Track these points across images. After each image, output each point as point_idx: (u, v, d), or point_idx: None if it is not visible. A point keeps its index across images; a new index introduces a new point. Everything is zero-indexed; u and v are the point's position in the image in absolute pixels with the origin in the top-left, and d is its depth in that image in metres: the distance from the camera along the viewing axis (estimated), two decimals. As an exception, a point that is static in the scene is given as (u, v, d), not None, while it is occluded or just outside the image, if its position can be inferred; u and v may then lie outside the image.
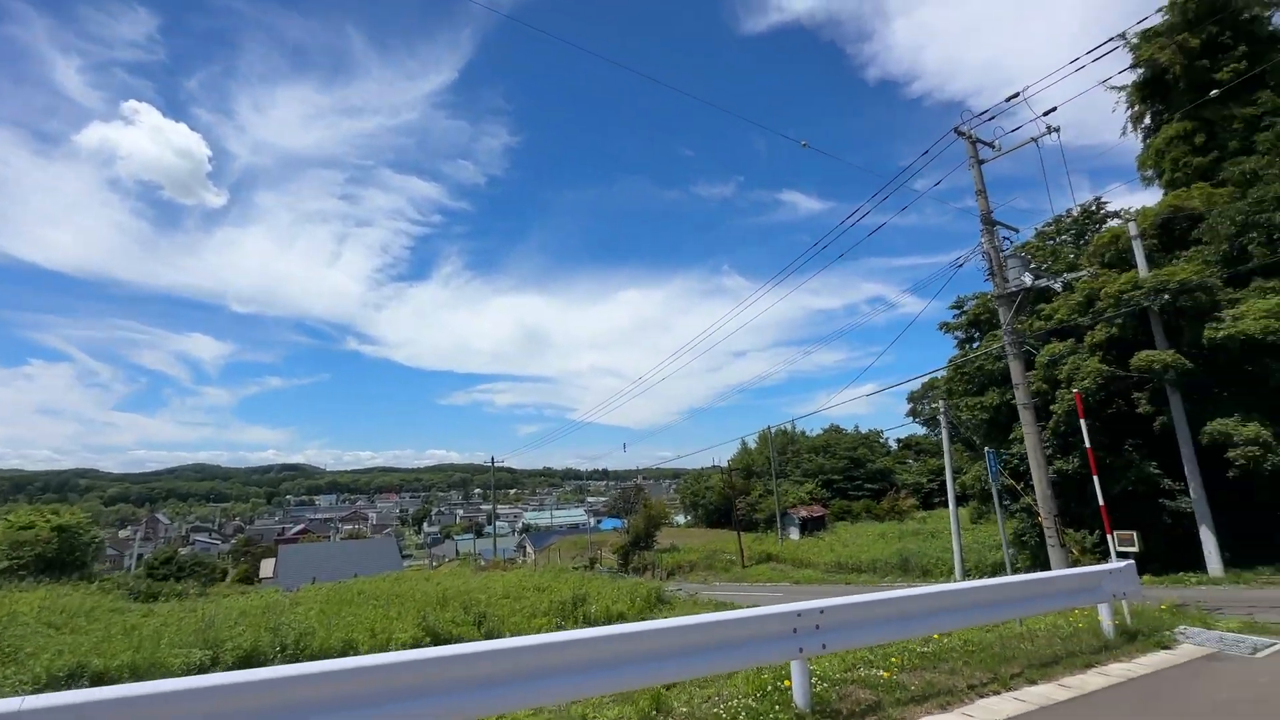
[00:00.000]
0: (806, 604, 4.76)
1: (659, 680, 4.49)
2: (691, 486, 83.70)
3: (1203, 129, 24.26)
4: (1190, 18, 24.32)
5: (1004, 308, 14.52)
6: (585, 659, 4.21)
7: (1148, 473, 19.81)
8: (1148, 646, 6.74)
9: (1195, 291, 18.39)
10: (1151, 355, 18.43)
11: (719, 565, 41.10)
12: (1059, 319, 22.82)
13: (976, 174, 15.15)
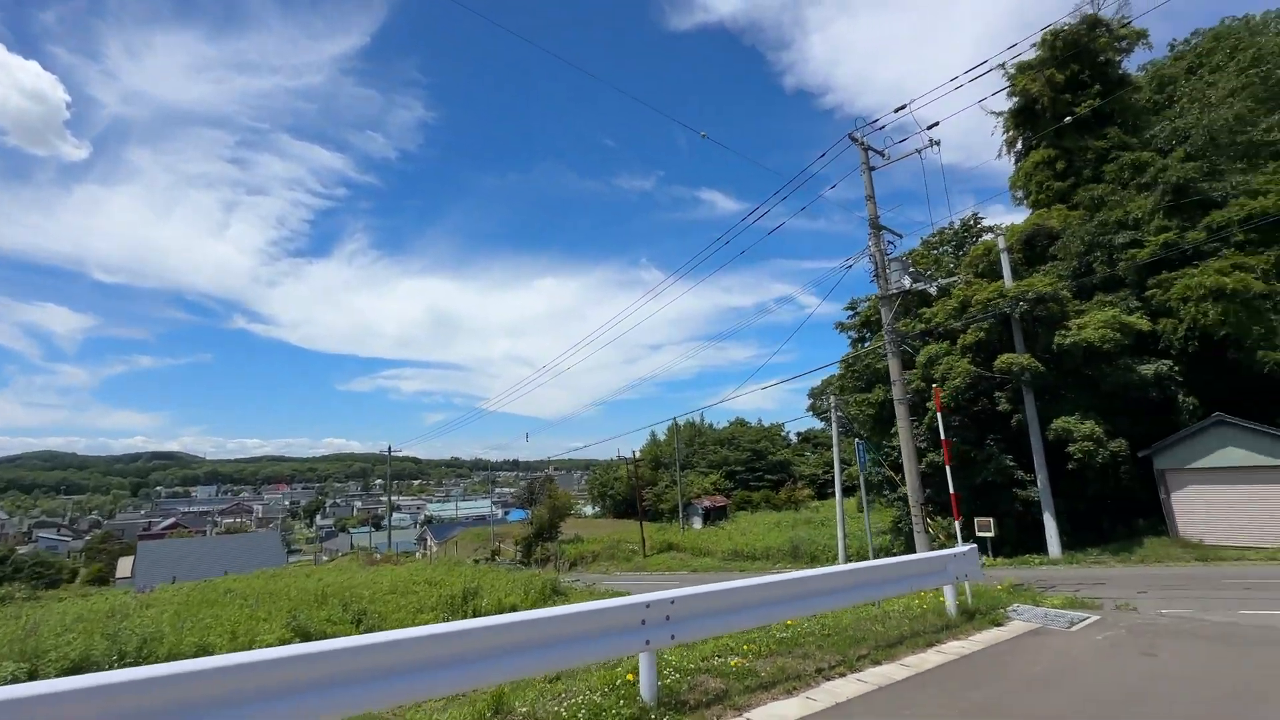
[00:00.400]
0: (656, 595, 4.63)
1: (497, 679, 4.21)
2: (600, 477, 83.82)
3: (1063, 157, 26.90)
4: (1058, 55, 26.81)
5: (886, 308, 15.36)
6: (419, 659, 3.86)
7: (1005, 465, 21.81)
8: (983, 624, 7.26)
9: (1049, 302, 20.37)
10: (1011, 358, 20.25)
11: (622, 555, 41.36)
12: (937, 322, 24.61)
13: (867, 179, 15.89)
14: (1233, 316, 17.40)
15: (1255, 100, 20.36)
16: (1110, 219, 21.61)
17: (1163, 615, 8.22)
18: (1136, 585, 13.73)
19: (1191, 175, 19.53)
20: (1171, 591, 12.44)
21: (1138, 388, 19.31)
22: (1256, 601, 10.50)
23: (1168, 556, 17.31)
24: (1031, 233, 25.05)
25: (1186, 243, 19.22)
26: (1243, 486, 16.94)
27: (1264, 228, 17.93)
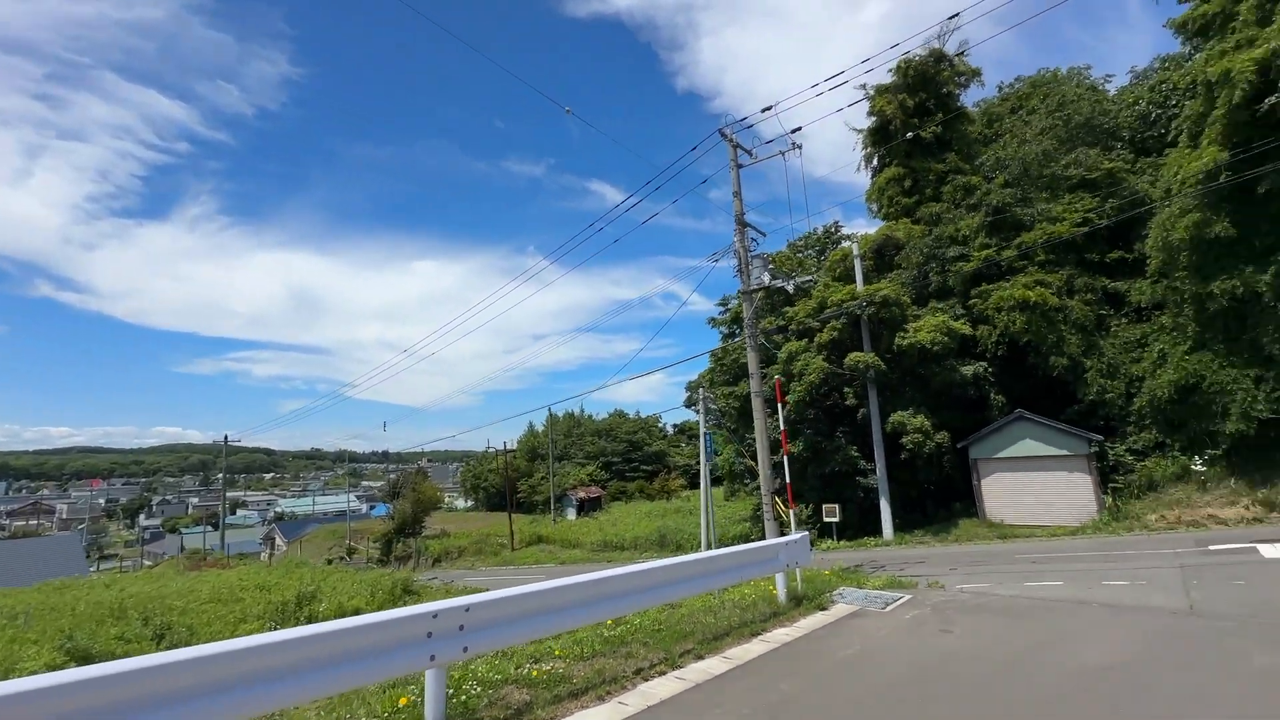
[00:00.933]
0: (448, 603, 4.08)
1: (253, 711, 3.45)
2: (474, 470, 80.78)
3: (910, 175, 29.49)
4: (909, 81, 29.30)
5: (747, 303, 15.82)
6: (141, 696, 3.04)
7: (850, 455, 23.56)
8: (810, 609, 7.49)
9: (892, 306, 22.22)
10: (858, 356, 21.84)
11: (490, 549, 39.97)
12: (798, 320, 26.05)
13: (734, 176, 16.24)
14: (1034, 325, 20.06)
15: (1058, 140, 23.60)
16: (944, 234, 24.03)
17: (963, 591, 9.03)
18: (949, 563, 15.27)
19: (1008, 200, 22.22)
20: (975, 567, 13.96)
21: (959, 386, 21.65)
22: (1037, 574, 12.01)
23: (976, 535, 19.59)
24: (881, 242, 27.25)
25: (1002, 259, 21.86)
26: (1035, 473, 19.60)
27: (1059, 249, 20.84)
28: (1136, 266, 19.58)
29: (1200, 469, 16.80)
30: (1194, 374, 16.65)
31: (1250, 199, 15.51)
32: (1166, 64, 23.31)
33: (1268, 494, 15.39)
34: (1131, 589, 9.28)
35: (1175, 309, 17.58)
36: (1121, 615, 7.17)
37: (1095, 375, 19.34)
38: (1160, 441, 17.98)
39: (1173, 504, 16.85)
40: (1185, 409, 17.08)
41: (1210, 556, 11.69)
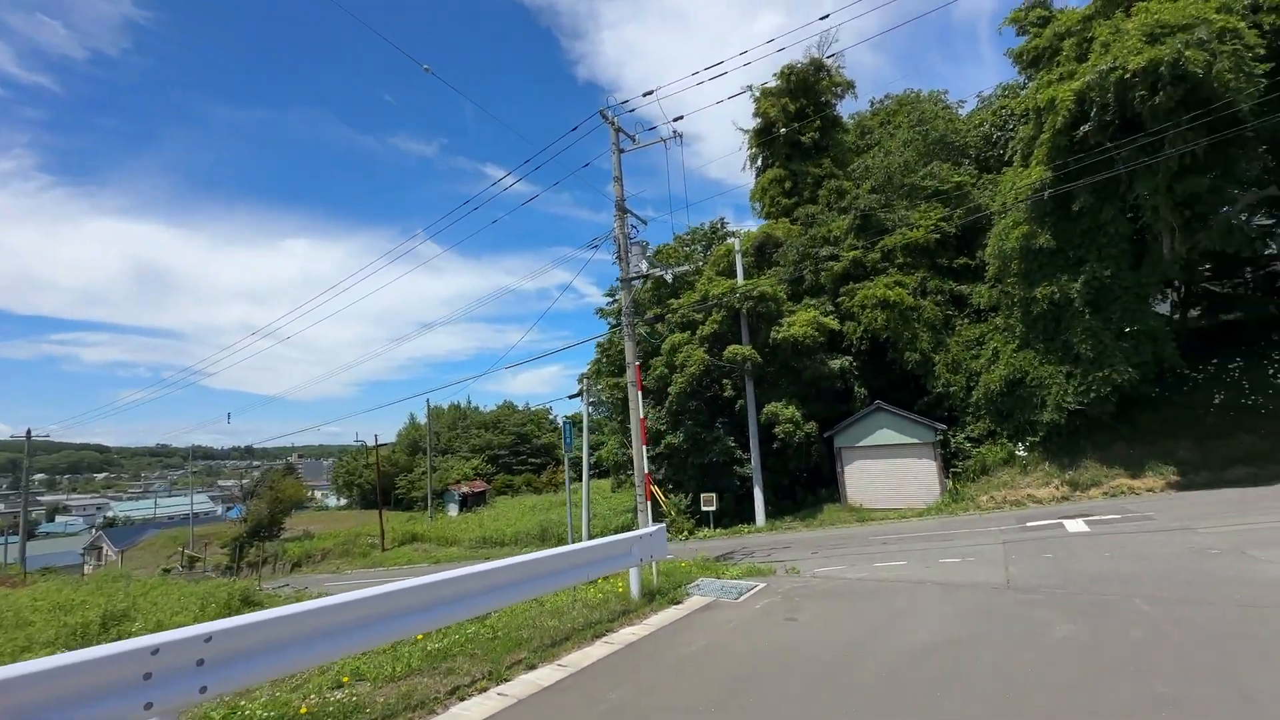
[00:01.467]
0: (178, 634, 3.23)
1: None
2: (347, 465, 75.09)
3: (790, 178, 30.75)
4: (792, 86, 30.47)
5: (625, 290, 15.51)
6: None
7: (728, 445, 24.17)
8: (663, 605, 7.24)
9: (769, 301, 22.97)
10: (736, 349, 22.39)
11: (359, 550, 37.09)
12: (681, 313, 26.31)
13: (615, 160, 15.83)
14: (892, 323, 21.61)
15: (917, 153, 25.59)
16: (818, 234, 25.25)
17: (815, 576, 9.25)
18: (812, 547, 15.94)
19: (874, 205, 23.76)
20: (834, 550, 14.64)
21: (828, 378, 22.87)
22: (886, 554, 12.76)
23: (839, 519, 20.79)
24: (762, 240, 28.19)
25: (867, 261, 23.34)
26: (890, 460, 21.16)
27: (915, 253, 22.59)
28: (978, 272, 21.64)
29: (1022, 454, 18.88)
30: (1020, 370, 18.63)
31: (1067, 215, 17.51)
32: (1006, 92, 26.00)
33: (1073, 475, 17.55)
34: (962, 566, 9.99)
35: (1007, 311, 19.59)
36: (951, 593, 7.57)
37: (942, 370, 21.17)
38: (992, 430, 20.00)
39: (1000, 486, 18.78)
40: (1012, 401, 19.09)
41: (1027, 533, 12.98)
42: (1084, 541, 10.91)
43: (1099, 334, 16.89)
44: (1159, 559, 8.71)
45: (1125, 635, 5.45)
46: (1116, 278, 16.80)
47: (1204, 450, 16.48)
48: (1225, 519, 11.06)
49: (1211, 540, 9.52)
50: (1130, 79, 14.15)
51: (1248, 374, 17.68)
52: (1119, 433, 17.85)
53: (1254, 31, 13.66)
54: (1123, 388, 16.75)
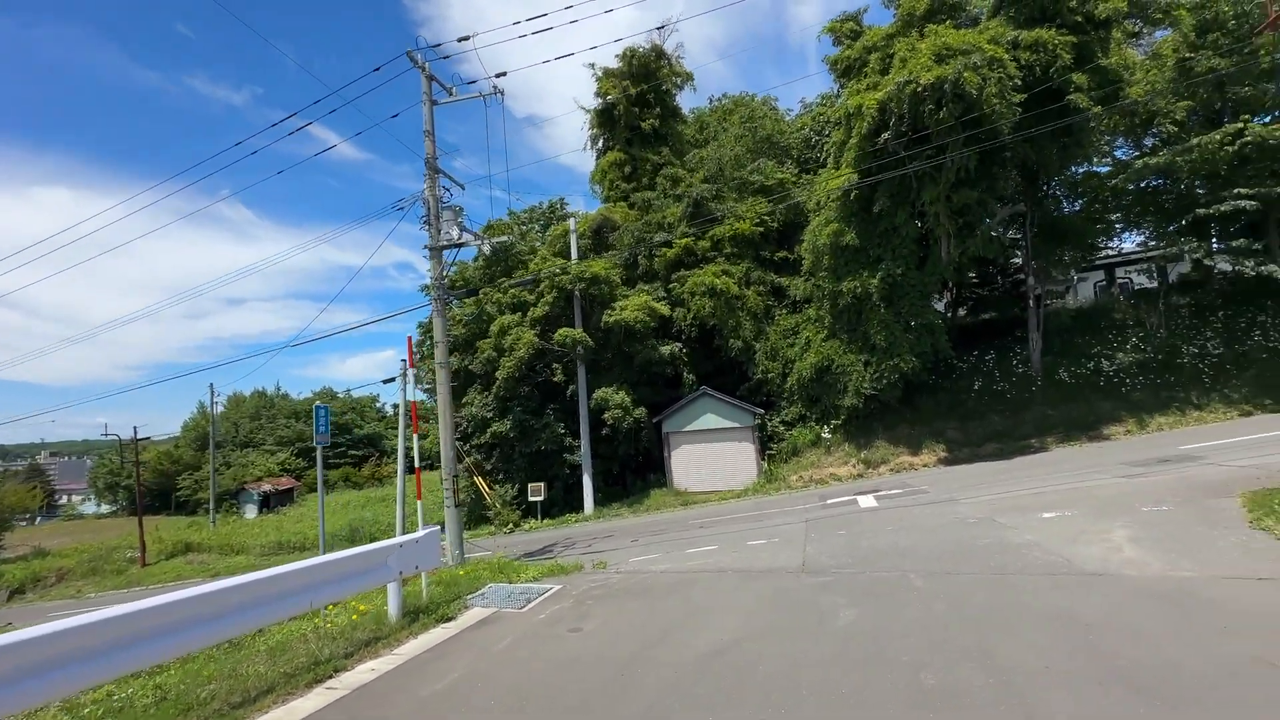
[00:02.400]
0: None
1: None
2: (109, 464, 62.40)
3: (630, 162, 30.45)
4: (633, 70, 30.09)
5: (435, 260, 13.77)
6: None
7: (558, 432, 23.26)
8: (429, 624, 6.06)
9: (602, 284, 22.38)
10: (567, 332, 21.50)
11: (112, 567, 30.43)
12: (513, 293, 24.80)
13: (427, 111, 13.95)
14: (719, 310, 22.22)
15: (747, 149, 26.65)
16: (653, 220, 25.20)
17: (621, 571, 8.66)
18: (633, 535, 15.62)
19: (706, 195, 24.24)
20: (653, 537, 14.41)
21: (658, 364, 22.93)
22: (701, 539, 12.74)
23: (665, 504, 20.93)
24: (600, 223, 27.55)
25: (698, 249, 23.76)
26: (714, 444, 21.78)
27: (742, 244, 23.47)
28: (795, 266, 22.99)
29: (827, 436, 20.41)
30: (827, 358, 20.04)
31: (870, 216, 19.06)
32: (825, 100, 28.06)
33: (868, 454, 19.27)
34: (767, 548, 10.05)
35: (818, 303, 21.00)
36: (749, 582, 7.32)
37: (762, 357, 22.20)
38: (803, 414, 21.40)
39: (808, 466, 20.11)
40: (820, 387, 20.52)
41: (827, 510, 13.74)
42: (872, 517, 11.63)
43: (891, 326, 18.62)
44: (931, 530, 9.37)
45: (900, 617, 5.40)
46: (906, 276, 18.61)
47: (966, 430, 18.96)
48: (980, 490, 12.49)
49: (971, 510, 10.55)
50: (921, 92, 15.52)
51: (999, 364, 20.72)
52: (903, 415, 19.94)
53: (1014, 64, 15.68)
54: (908, 375, 18.66)
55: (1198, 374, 17.91)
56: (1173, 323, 19.93)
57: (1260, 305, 19.63)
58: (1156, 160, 17.44)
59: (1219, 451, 11.92)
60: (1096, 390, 18.50)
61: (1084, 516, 8.74)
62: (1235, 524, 7.52)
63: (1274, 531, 7.06)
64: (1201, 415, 16.56)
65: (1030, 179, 19.10)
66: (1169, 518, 8.07)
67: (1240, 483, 9.21)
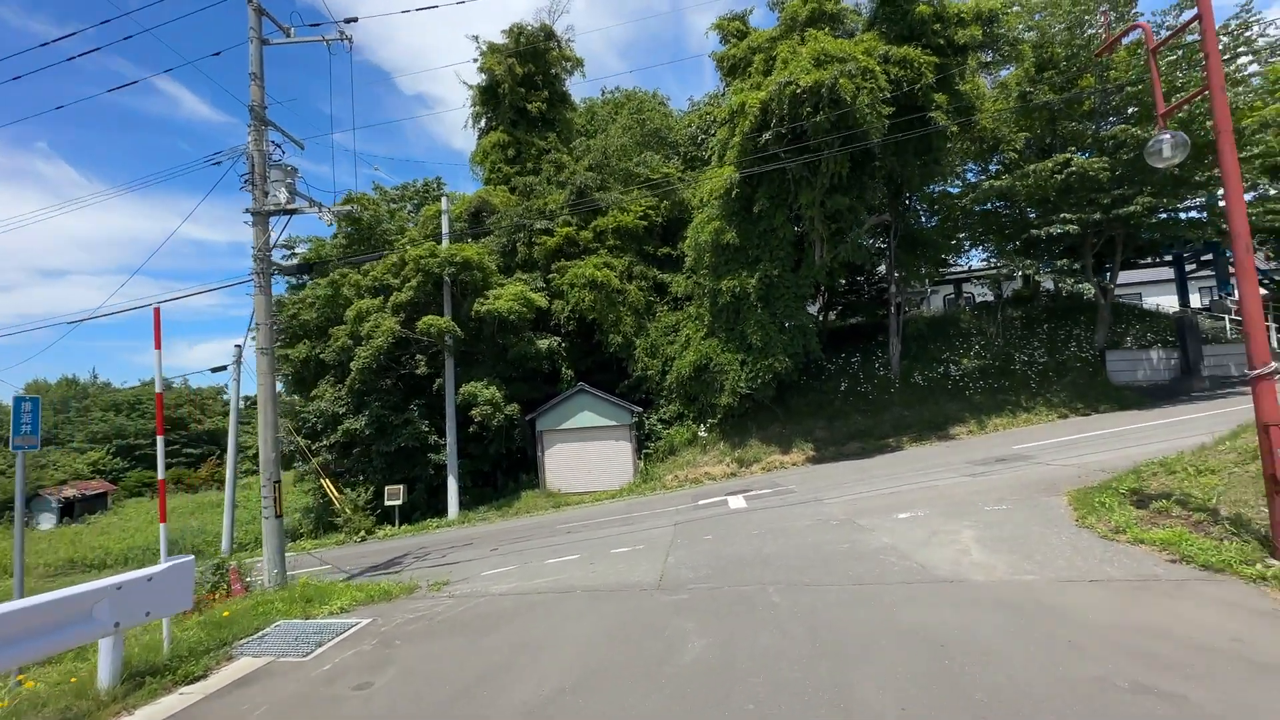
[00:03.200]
0: None
1: None
2: None
3: (515, 145, 28.79)
4: (520, 49, 28.46)
5: (259, 226, 11.63)
6: None
7: (421, 430, 21.29)
8: (163, 688, 4.58)
9: (475, 270, 20.74)
10: (432, 320, 19.66)
11: None
12: (374, 276, 22.41)
13: (254, 50, 11.75)
14: (599, 304, 21.41)
15: (634, 141, 26.11)
16: (535, 206, 23.88)
17: (454, 595, 7.47)
18: (494, 542, 14.34)
19: (590, 183, 23.32)
20: (514, 545, 13.24)
21: (534, 359, 21.69)
22: (564, 547, 11.81)
23: (536, 507, 19.76)
24: (479, 206, 25.73)
25: (580, 239, 22.79)
26: (590, 443, 20.95)
27: (625, 238, 22.84)
28: (678, 262, 22.74)
29: (704, 435, 20.31)
30: (706, 356, 19.90)
31: (750, 216, 19.11)
32: (712, 99, 28.21)
33: (741, 453, 19.34)
34: (629, 558, 9.31)
35: (699, 301, 20.85)
36: (598, 604, 6.47)
37: (642, 354, 21.68)
38: (681, 413, 21.17)
39: (684, 465, 19.86)
40: (698, 385, 20.35)
41: (698, 512, 13.33)
42: (740, 520, 11.30)
43: (767, 327, 18.77)
44: (795, 533, 9.10)
45: (755, 644, 4.77)
46: (783, 277, 18.85)
47: (832, 429, 19.61)
48: (843, 489, 12.64)
49: (834, 510, 10.49)
50: (800, 94, 15.63)
51: (863, 366, 21.72)
52: (776, 415, 20.28)
53: (885, 77, 16.27)
54: (782, 375, 18.92)
55: (1027, 380, 19.77)
56: (1008, 332, 21.96)
57: (1075, 320, 22.18)
58: (999, 183, 18.98)
59: (1045, 451, 12.90)
60: (945, 393, 19.87)
61: (936, 516, 8.83)
62: (1064, 522, 7.81)
63: (1096, 529, 7.37)
64: (1029, 417, 18.22)
65: (895, 193, 20.11)
66: (1009, 517, 8.29)
67: (1064, 481, 9.80)
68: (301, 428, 22.53)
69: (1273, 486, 5.76)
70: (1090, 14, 17.67)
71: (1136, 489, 8.30)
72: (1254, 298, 6.02)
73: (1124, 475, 8.93)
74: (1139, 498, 8.03)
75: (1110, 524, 7.39)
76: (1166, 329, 21.01)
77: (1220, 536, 6.37)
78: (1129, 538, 6.85)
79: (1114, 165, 16.86)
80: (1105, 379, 19.42)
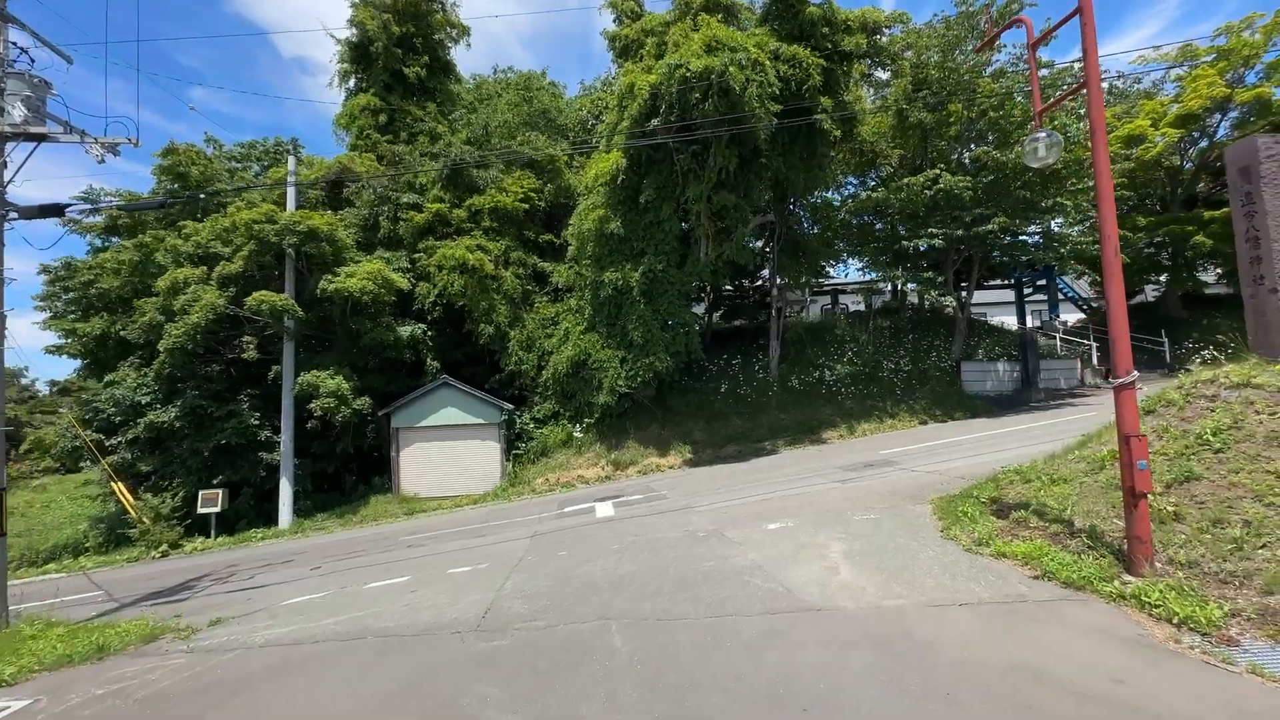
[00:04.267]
0: None
1: None
2: None
3: (387, 111, 25.91)
4: (400, 7, 25.69)
5: (-15, 155, 8.78)
6: None
7: (250, 425, 18.24)
8: None
9: (324, 242, 18.10)
10: (264, 297, 16.82)
11: None
12: (199, 242, 18.93)
13: (-13, -79, 8.89)
14: (470, 290, 19.49)
15: (521, 119, 24.40)
16: (404, 178, 21.45)
17: (201, 646, 5.65)
18: (322, 557, 12.22)
19: (467, 158, 21.29)
20: (339, 563, 11.24)
21: (395, 347, 19.35)
22: (398, 565, 10.08)
23: (385, 514, 17.52)
24: (339, 172, 22.72)
25: (453, 218, 20.72)
26: (454, 442, 19.01)
27: (504, 220, 21.07)
28: (561, 251, 21.35)
29: (579, 436, 19.08)
30: (585, 351, 18.71)
31: (636, 207, 18.17)
32: (604, 84, 27.14)
33: (618, 455, 18.34)
34: (463, 580, 7.85)
35: (580, 293, 19.62)
36: (384, 659, 5.00)
37: (516, 347, 20.05)
38: (556, 411, 19.80)
39: (557, 467, 18.52)
40: (576, 382, 19.11)
41: (561, 521, 12.07)
42: (604, 531, 10.20)
43: (649, 323, 17.91)
44: (658, 548, 8.12)
45: (571, 719, 3.59)
46: (667, 273, 18.09)
47: (711, 431, 19.16)
48: (716, 496, 11.95)
49: (704, 520, 9.67)
50: (690, 79, 14.89)
51: (743, 369, 21.58)
52: (655, 415, 19.52)
53: (774, 73, 15.98)
54: (662, 374, 18.16)
55: (893, 387, 20.52)
56: (878, 340, 22.82)
57: (936, 332, 23.52)
58: (876, 195, 19.56)
59: (910, 457, 13.01)
60: (820, 397, 20.12)
61: (805, 526, 8.23)
62: (930, 534, 7.43)
63: (960, 541, 7.02)
64: (894, 423, 18.82)
65: (780, 196, 20.10)
66: (877, 527, 7.83)
67: (929, 487, 9.64)
68: (94, 419, 18.50)
69: (1130, 499, 5.51)
70: (961, 41, 18.58)
71: (996, 498, 8.14)
72: (1119, 304, 5.77)
73: (983, 483, 8.83)
74: (998, 506, 7.85)
75: (973, 536, 7.07)
76: (1010, 344, 22.81)
77: (1078, 550, 6.13)
78: (992, 551, 6.51)
79: (975, 185, 17.78)
80: (959, 389, 20.60)
